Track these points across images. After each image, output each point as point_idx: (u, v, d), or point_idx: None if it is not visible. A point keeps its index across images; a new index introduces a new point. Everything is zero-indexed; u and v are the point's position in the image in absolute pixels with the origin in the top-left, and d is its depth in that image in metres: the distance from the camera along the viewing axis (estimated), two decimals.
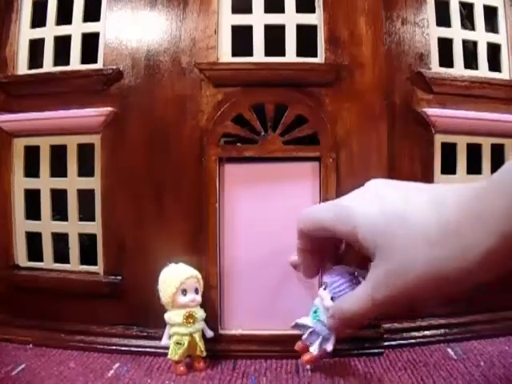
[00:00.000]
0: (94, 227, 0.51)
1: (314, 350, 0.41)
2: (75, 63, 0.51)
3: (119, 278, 0.50)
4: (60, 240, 0.54)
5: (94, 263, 0.52)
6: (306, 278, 0.38)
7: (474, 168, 0.53)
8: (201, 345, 0.45)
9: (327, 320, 0.33)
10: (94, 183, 0.51)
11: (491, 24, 0.55)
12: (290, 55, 0.49)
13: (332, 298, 0.41)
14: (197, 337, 0.44)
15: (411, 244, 0.22)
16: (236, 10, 0.50)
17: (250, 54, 0.49)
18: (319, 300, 0.42)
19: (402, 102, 0.50)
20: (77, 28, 0.52)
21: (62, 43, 0.52)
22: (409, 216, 0.23)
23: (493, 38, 0.54)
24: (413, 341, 0.50)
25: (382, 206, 0.24)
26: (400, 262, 0.23)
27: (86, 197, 0.52)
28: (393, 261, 0.23)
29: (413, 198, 0.24)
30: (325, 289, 0.41)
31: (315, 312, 0.42)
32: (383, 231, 0.24)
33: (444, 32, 0.52)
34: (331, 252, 0.38)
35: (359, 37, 0.49)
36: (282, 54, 0.49)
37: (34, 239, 0.54)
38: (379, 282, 0.25)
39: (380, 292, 0.25)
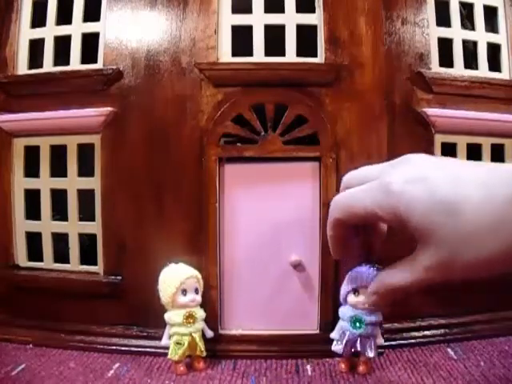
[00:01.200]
0: (94, 227, 0.51)
1: (372, 353, 0.42)
2: (75, 63, 0.51)
3: (119, 278, 0.50)
4: (60, 240, 0.54)
5: (94, 263, 0.52)
6: (337, 257, 0.37)
7: None
8: (201, 345, 0.45)
9: (367, 297, 0.33)
10: (94, 183, 0.51)
11: (491, 24, 0.55)
12: (290, 55, 0.49)
13: None
14: (197, 337, 0.44)
15: (461, 236, 0.23)
16: (236, 10, 0.50)
17: (250, 54, 0.49)
18: (354, 309, 0.42)
19: (402, 102, 0.50)
20: (77, 28, 0.52)
21: (62, 43, 0.52)
22: (458, 207, 0.23)
23: (493, 37, 0.54)
24: (413, 341, 0.50)
25: (430, 191, 0.24)
26: (451, 251, 0.23)
27: (86, 197, 0.52)
28: (444, 249, 0.24)
29: (462, 184, 0.24)
30: (355, 293, 0.42)
31: (356, 322, 0.42)
32: (432, 219, 0.24)
33: (444, 32, 0.52)
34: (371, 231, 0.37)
35: (359, 37, 0.49)
36: (282, 54, 0.49)
37: (34, 239, 0.54)
38: (432, 265, 0.25)
39: (433, 275, 0.25)
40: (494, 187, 0.23)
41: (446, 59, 0.52)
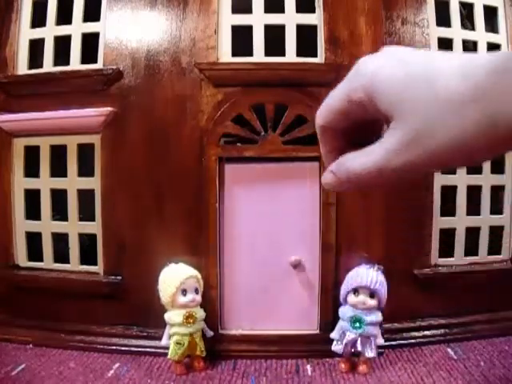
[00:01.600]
0: (94, 227, 0.51)
1: (372, 353, 0.43)
2: (75, 63, 0.51)
3: (119, 278, 0.50)
4: (60, 240, 0.54)
5: (94, 263, 0.52)
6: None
7: (473, 168, 0.53)
8: (201, 345, 0.45)
9: (325, 172, 0.31)
10: (94, 183, 0.51)
11: (491, 24, 0.55)
12: (290, 55, 0.49)
13: (372, 296, 0.42)
14: (197, 337, 0.44)
15: (436, 109, 0.20)
16: (236, 9, 0.50)
17: (250, 54, 0.49)
18: (354, 309, 0.43)
19: None
20: (77, 28, 0.52)
21: (62, 43, 0.52)
22: (434, 79, 0.21)
23: (493, 38, 0.54)
24: (413, 341, 0.50)
25: (406, 69, 0.23)
26: (424, 126, 0.20)
27: (86, 197, 0.52)
28: (416, 124, 0.21)
29: (440, 61, 0.22)
30: (355, 293, 0.42)
31: (356, 322, 0.42)
32: (406, 94, 0.22)
33: (444, 32, 0.52)
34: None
35: (359, 37, 0.49)
36: (282, 53, 0.49)
37: (34, 239, 0.54)
38: (401, 143, 0.23)
39: (400, 155, 0.23)
40: (476, 63, 0.21)
41: None
